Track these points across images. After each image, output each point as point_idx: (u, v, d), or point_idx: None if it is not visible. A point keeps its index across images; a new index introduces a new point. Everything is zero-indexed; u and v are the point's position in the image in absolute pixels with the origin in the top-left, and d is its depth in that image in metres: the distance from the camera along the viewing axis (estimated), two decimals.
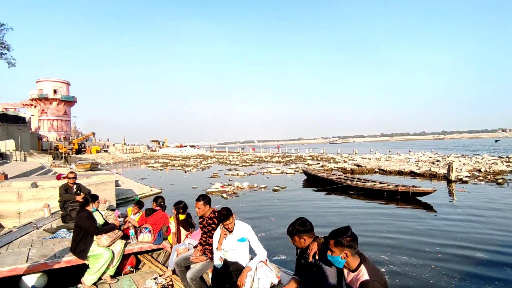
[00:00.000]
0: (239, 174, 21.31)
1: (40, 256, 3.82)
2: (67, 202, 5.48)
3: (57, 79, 53.71)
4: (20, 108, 57.43)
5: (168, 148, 70.37)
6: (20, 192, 7.31)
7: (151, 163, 35.62)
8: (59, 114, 53.06)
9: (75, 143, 47.26)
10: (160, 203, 4.73)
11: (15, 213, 7.25)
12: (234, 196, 12.81)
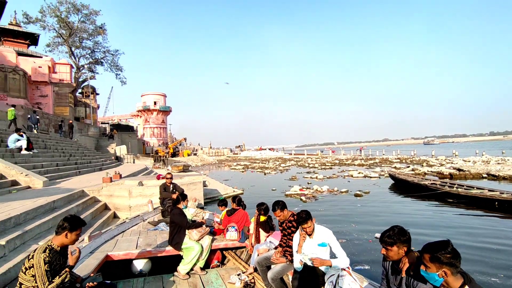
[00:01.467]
0: (318, 177, 20.86)
1: (146, 244, 4.49)
2: (165, 199, 6.32)
3: (157, 92, 62.17)
4: (129, 118, 68.67)
5: (248, 151, 73.79)
6: (130, 189, 8.72)
7: (233, 166, 37.89)
8: (158, 122, 61.23)
9: (170, 147, 53.88)
10: (240, 202, 5.07)
11: (127, 207, 8.69)
12: (313, 200, 12.59)
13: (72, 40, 30.66)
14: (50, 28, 29.59)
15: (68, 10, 29.91)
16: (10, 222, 4.85)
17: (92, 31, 32.09)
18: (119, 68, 35.31)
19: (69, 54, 31.65)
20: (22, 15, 29.08)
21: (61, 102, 30.35)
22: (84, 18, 31.25)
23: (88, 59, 33.38)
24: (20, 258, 4.12)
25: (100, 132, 35.41)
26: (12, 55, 27.23)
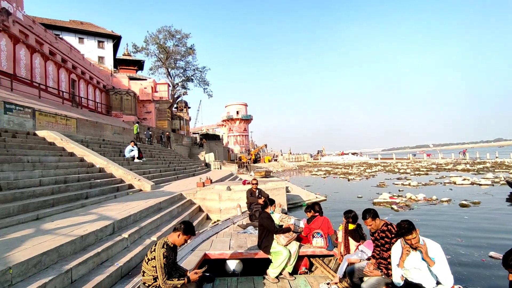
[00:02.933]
0: (411, 184, 18.75)
1: (238, 246, 4.80)
2: (252, 204, 6.65)
3: (239, 102, 66.15)
4: (216, 128, 74.67)
5: (329, 156, 71.39)
6: (220, 193, 9.46)
7: (314, 171, 37.19)
8: (241, 130, 64.88)
9: (252, 154, 56.33)
10: (316, 209, 4.99)
11: (217, 209, 9.43)
12: (407, 209, 11.37)
13: (168, 62, 35.29)
14: (152, 54, 34.74)
15: (165, 37, 34.63)
16: (130, 219, 5.83)
17: (184, 52, 36.29)
18: (206, 83, 38.89)
19: (166, 75, 36.51)
20: (132, 46, 34.99)
21: (161, 117, 35.15)
22: (177, 42, 35.66)
23: (181, 77, 37.83)
24: (139, 250, 4.91)
25: (192, 141, 39.51)
26: (125, 80, 32.95)
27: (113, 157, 12.01)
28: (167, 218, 7.17)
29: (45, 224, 4.92)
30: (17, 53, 18.04)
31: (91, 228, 4.57)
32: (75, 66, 24.68)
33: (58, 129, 13.39)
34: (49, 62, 21.14)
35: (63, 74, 22.88)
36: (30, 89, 17.12)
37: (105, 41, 35.57)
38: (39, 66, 19.99)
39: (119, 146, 14.88)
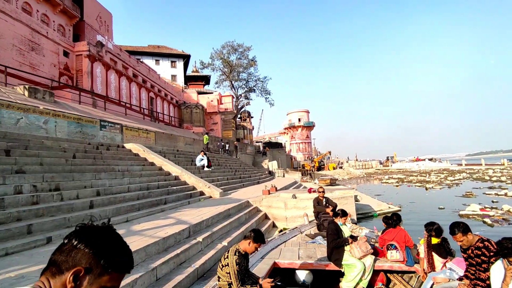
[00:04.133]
0: (508, 194, 15.95)
1: (307, 256, 4.70)
2: (319, 213, 6.46)
3: (300, 110, 65.72)
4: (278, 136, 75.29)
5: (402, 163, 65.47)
6: (286, 201, 9.44)
7: (385, 179, 34.50)
8: (303, 138, 64.15)
9: (316, 161, 55.04)
10: (389, 221, 4.57)
11: (283, 217, 9.41)
12: (505, 224, 9.69)
13: (232, 75, 37.17)
14: (217, 69, 37.11)
15: (228, 52, 36.68)
16: (203, 224, 6.21)
17: (246, 64, 37.82)
18: (268, 92, 39.71)
19: (230, 87, 38.47)
20: (199, 63, 37.92)
21: (226, 127, 37.01)
22: (240, 55, 37.40)
23: (244, 88, 39.42)
24: (212, 253, 5.18)
25: (255, 150, 40.52)
26: (194, 95, 35.71)
27: (186, 166, 13.03)
28: (236, 225, 7.42)
29: (133, 225, 5.56)
30: (108, 77, 21.08)
31: (171, 231, 5.00)
32: (153, 85, 27.75)
33: (141, 141, 15.14)
34: (132, 84, 24.18)
35: (143, 93, 25.91)
36: (118, 108, 19.78)
37: (177, 60, 39.23)
38: (125, 88, 23.02)
39: (191, 155, 16.09)
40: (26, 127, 9.78)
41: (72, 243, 0.78)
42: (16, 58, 15.57)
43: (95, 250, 0.77)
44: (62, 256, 0.78)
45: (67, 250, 0.77)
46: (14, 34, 15.62)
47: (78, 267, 0.76)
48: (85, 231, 0.80)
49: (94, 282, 0.77)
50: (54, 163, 7.23)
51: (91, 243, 0.78)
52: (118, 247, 0.82)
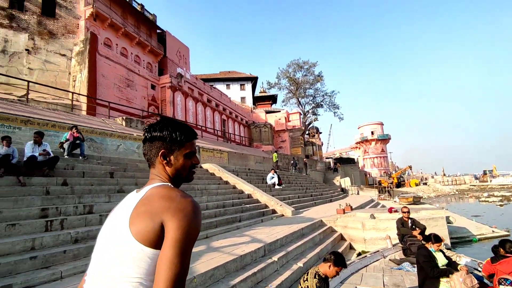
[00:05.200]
0: None
1: (393, 284, 4.25)
2: (405, 236, 5.82)
3: (373, 122, 61.79)
4: (349, 151, 71.77)
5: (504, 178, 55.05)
6: (363, 221, 8.79)
7: (483, 197, 29.42)
8: (377, 152, 59.74)
9: (394, 177, 50.33)
10: (510, 249, 3.76)
11: (361, 239, 8.75)
12: None
13: (298, 93, 37.40)
14: (283, 87, 37.89)
15: (294, 70, 37.22)
16: (277, 243, 6.19)
17: (312, 80, 37.72)
18: (336, 107, 38.60)
19: (297, 104, 38.67)
20: (266, 84, 39.35)
21: (294, 144, 36.97)
22: (305, 72, 37.58)
23: (311, 104, 39.16)
24: (288, 274, 5.10)
25: (326, 166, 39.24)
26: (263, 114, 36.90)
27: (257, 184, 13.35)
28: (310, 245, 7.20)
29: (212, 242, 5.88)
30: (187, 104, 23.39)
31: (247, 249, 5.12)
32: (224, 108, 29.73)
33: (215, 161, 16.19)
34: (207, 108, 26.33)
35: (216, 116, 27.90)
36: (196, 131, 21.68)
37: (245, 83, 41.43)
38: (200, 112, 25.17)
39: (261, 174, 16.45)
40: (124, 152, 11.45)
41: (149, 139, 1.03)
42: (116, 94, 18.58)
43: (165, 137, 1.01)
44: (150, 152, 1.03)
45: (149, 147, 1.03)
46: (115, 74, 18.76)
47: (162, 150, 1.00)
48: (150, 128, 1.04)
49: (178, 155, 1.02)
50: (146, 183, 8.22)
51: (161, 134, 1.01)
52: (179, 126, 1.05)
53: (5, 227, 4.26)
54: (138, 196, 0.94)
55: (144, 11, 22.96)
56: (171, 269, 0.78)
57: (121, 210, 0.93)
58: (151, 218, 0.84)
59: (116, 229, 0.89)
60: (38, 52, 16.77)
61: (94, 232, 4.95)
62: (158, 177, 1.00)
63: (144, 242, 0.83)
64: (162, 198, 0.88)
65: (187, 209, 0.86)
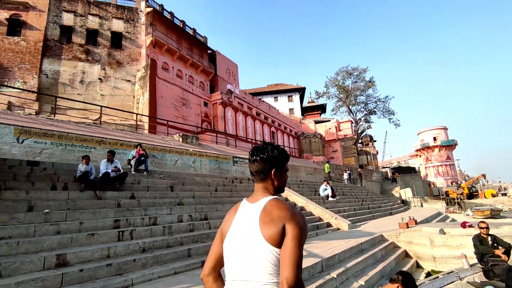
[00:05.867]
0: None
1: None
2: (485, 255, 5.10)
3: (435, 127, 56.54)
4: (408, 159, 66.38)
5: None
6: (431, 237, 7.97)
7: None
8: (442, 159, 54.23)
9: (464, 187, 44.93)
10: None
11: (430, 257, 7.91)
12: None
13: (349, 100, 36.10)
14: (332, 96, 36.90)
15: (343, 77, 36.15)
16: (335, 259, 5.92)
17: (363, 86, 36.15)
18: (391, 112, 36.27)
19: (348, 112, 37.29)
20: (314, 93, 38.77)
21: (347, 154, 35.50)
22: (355, 79, 36.22)
23: (363, 112, 37.42)
24: None
25: (382, 176, 36.79)
26: (312, 124, 36.35)
27: (310, 196, 13.05)
28: (371, 262, 6.73)
29: None
30: (237, 118, 24.17)
31: (304, 263, 4.99)
32: (273, 121, 30.01)
33: None
34: (256, 121, 26.86)
35: (266, 129, 28.27)
36: (246, 144, 22.16)
37: (293, 94, 41.44)
38: (250, 126, 25.77)
39: (313, 185, 16.06)
40: (181, 166, 12.19)
41: (261, 160, 1.27)
42: (173, 113, 20.04)
43: (276, 158, 1.28)
44: (262, 170, 1.27)
45: (261, 166, 1.27)
46: (172, 94, 20.31)
47: (274, 168, 1.26)
48: (259, 151, 1.29)
49: (283, 172, 1.29)
50: (202, 196, 8.62)
51: (272, 156, 1.27)
52: (281, 149, 1.32)
53: (86, 236, 4.81)
54: (256, 207, 1.20)
55: (196, 34, 24.66)
56: (293, 255, 1.04)
57: (246, 221, 1.18)
58: (275, 225, 1.10)
59: (250, 236, 1.13)
60: (108, 80, 19.00)
61: (159, 242, 5.32)
62: (267, 191, 1.26)
63: (273, 243, 1.09)
64: (280, 210, 1.14)
65: (299, 215, 1.14)
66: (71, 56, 18.47)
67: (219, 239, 1.28)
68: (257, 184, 1.28)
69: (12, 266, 3.67)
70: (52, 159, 8.44)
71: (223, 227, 1.28)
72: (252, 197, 1.27)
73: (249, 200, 1.26)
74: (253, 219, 1.16)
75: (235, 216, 1.25)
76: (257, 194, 1.26)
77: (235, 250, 1.16)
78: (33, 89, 16.74)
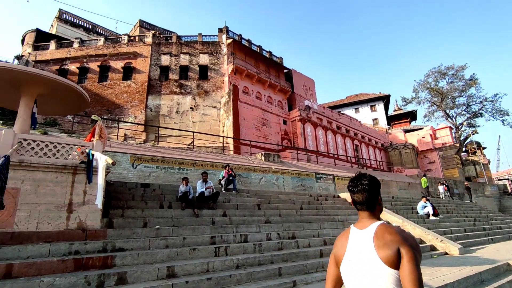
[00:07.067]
0: None
1: None
2: None
3: None
4: None
5: None
6: None
7: None
8: None
9: None
10: None
11: None
12: None
13: (445, 104, 31.72)
14: (423, 101, 33.00)
15: (435, 79, 32.15)
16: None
17: (463, 86, 31.37)
18: (504, 113, 30.27)
19: (445, 117, 32.70)
20: (401, 100, 35.38)
21: (448, 165, 30.78)
22: (451, 79, 31.78)
23: (464, 115, 32.29)
24: None
25: (500, 190, 30.46)
26: (401, 134, 33.04)
27: (405, 214, 11.71)
28: None
29: None
30: (317, 134, 23.82)
31: None
32: (356, 133, 28.48)
33: None
34: (337, 135, 25.95)
35: (348, 142, 26.99)
36: (327, 160, 21.53)
37: (376, 103, 38.74)
38: (331, 140, 25.02)
39: (409, 202, 14.38)
40: (265, 184, 12.56)
41: (366, 191, 1.35)
42: (255, 133, 21.03)
43: (378, 187, 1.38)
44: (371, 199, 1.35)
45: (369, 196, 1.34)
46: (252, 116, 21.43)
47: (379, 196, 1.38)
48: (363, 181, 1.37)
49: (380, 198, 1.38)
50: (288, 214, 8.65)
51: (375, 185, 1.38)
52: (374, 178, 1.40)
53: (188, 251, 5.35)
54: (368, 233, 1.29)
55: (272, 56, 25.77)
56: (414, 276, 1.13)
57: (360, 246, 1.28)
58: (389, 248, 1.19)
59: (367, 259, 1.23)
60: (198, 108, 21.31)
61: (251, 260, 5.52)
62: (373, 217, 1.36)
63: (390, 265, 1.18)
64: (391, 234, 1.24)
65: (410, 239, 1.24)
66: (168, 91, 21.49)
67: (333, 263, 1.40)
68: (362, 212, 1.38)
69: (135, 274, 4.33)
70: (158, 181, 9.80)
71: (336, 252, 1.38)
72: (359, 223, 1.37)
73: (358, 227, 1.36)
74: (367, 244, 1.26)
75: (347, 242, 1.34)
76: (364, 221, 1.36)
77: (355, 273, 1.26)
78: (141, 122, 19.99)
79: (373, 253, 1.22)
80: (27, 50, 22.78)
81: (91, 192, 5.40)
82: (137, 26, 31.12)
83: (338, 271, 1.37)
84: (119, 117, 20.16)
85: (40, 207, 4.95)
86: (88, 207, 5.34)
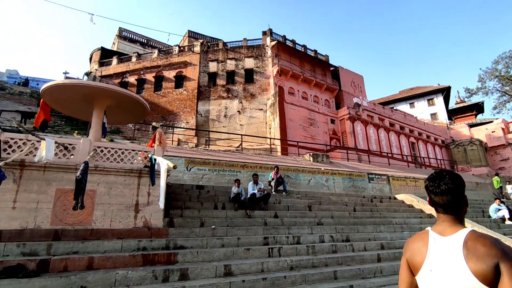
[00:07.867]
0: None
1: None
2: None
3: None
4: None
5: None
6: None
7: None
8: None
9: None
10: None
11: None
12: None
13: None
14: (491, 91, 29.33)
15: (506, 65, 28.40)
16: None
17: None
18: None
19: None
20: (464, 91, 31.92)
21: None
22: None
23: None
24: None
25: None
26: (465, 129, 29.84)
27: (475, 218, 10.58)
28: None
29: None
30: (367, 132, 22.69)
31: None
32: (411, 130, 26.48)
33: (409, 190, 14.33)
34: (390, 133, 24.41)
35: (403, 140, 25.22)
36: (380, 159, 20.35)
37: (434, 97, 35.59)
38: (384, 138, 23.62)
39: (478, 205, 12.94)
40: (314, 186, 12.35)
41: (453, 191, 1.20)
42: (301, 134, 20.80)
43: (463, 182, 1.25)
44: (458, 202, 1.20)
45: (456, 198, 1.20)
46: (299, 116, 21.23)
47: (466, 198, 1.23)
48: (450, 180, 1.22)
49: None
50: (341, 216, 8.40)
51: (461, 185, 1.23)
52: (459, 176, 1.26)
53: (243, 251, 5.52)
54: (455, 241, 1.12)
55: (317, 55, 25.26)
56: None
57: (445, 256, 1.12)
58: (485, 263, 1.02)
59: (455, 272, 1.07)
60: (245, 111, 21.80)
61: (304, 262, 5.49)
62: (460, 222, 1.20)
63: (484, 282, 1.01)
64: (485, 246, 1.06)
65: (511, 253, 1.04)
66: (216, 96, 22.35)
67: (407, 269, 1.27)
68: (445, 216, 1.22)
69: (196, 271, 4.60)
70: (210, 182, 10.25)
71: (411, 258, 1.24)
72: (440, 228, 1.21)
73: (438, 232, 1.20)
74: (455, 254, 1.09)
75: (426, 248, 1.19)
76: (446, 226, 1.20)
77: (438, 285, 1.12)
78: (192, 127, 21.09)
79: (464, 266, 1.05)
80: (94, 66, 25.62)
81: (154, 194, 5.88)
82: (186, 37, 32.97)
83: (412, 279, 1.23)
84: (172, 123, 21.55)
85: (113, 207, 5.53)
86: (152, 207, 5.83)
